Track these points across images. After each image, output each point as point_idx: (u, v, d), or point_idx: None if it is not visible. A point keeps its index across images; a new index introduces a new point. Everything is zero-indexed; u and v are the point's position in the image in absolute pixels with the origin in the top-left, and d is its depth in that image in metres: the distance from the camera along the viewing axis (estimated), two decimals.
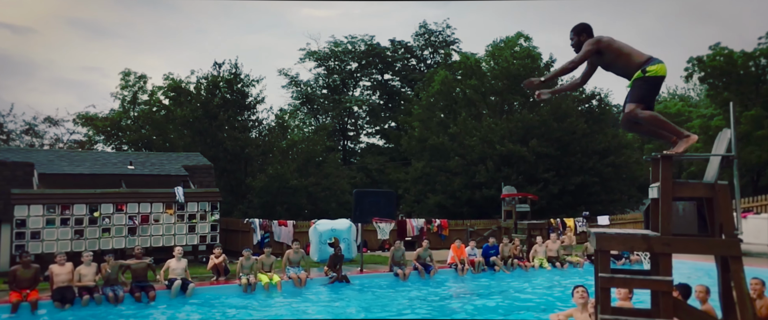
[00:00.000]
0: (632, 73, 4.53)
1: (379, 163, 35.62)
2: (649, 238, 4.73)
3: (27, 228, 14.63)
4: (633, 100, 4.50)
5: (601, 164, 26.44)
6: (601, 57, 4.60)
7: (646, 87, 4.47)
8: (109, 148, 30.07)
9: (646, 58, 4.53)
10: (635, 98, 4.50)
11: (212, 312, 9.71)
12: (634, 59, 4.51)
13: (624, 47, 4.55)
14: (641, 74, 4.44)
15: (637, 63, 4.49)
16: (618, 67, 4.61)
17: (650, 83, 4.50)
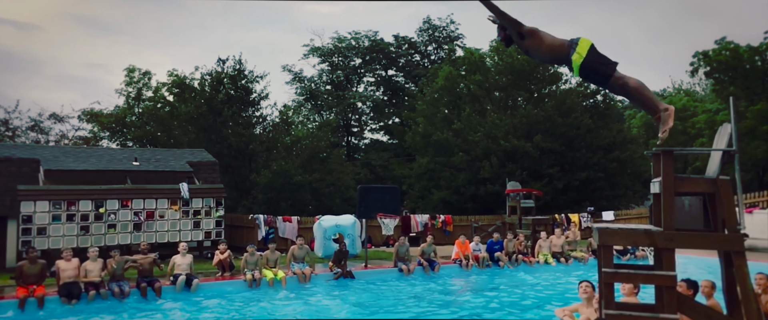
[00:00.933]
0: (558, 55, 4.47)
1: (383, 159, 35.64)
2: (652, 233, 4.73)
3: (33, 224, 14.72)
4: (610, 65, 4.37)
5: (605, 160, 26.38)
6: (525, 36, 4.49)
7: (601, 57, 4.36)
8: (114, 144, 30.19)
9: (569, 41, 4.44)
10: (608, 63, 4.38)
11: (217, 307, 9.76)
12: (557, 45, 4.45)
13: (542, 32, 4.49)
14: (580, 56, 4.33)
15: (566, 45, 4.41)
16: (542, 53, 4.54)
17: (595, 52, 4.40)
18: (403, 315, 8.89)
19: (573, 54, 4.30)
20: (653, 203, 5.28)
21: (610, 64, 4.29)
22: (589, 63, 4.27)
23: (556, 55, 4.46)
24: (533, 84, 28.40)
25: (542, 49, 4.46)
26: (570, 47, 4.32)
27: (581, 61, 4.27)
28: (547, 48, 4.44)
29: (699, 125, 27.78)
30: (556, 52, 4.43)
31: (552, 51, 4.45)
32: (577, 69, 4.34)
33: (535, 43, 4.45)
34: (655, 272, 4.85)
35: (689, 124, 29.47)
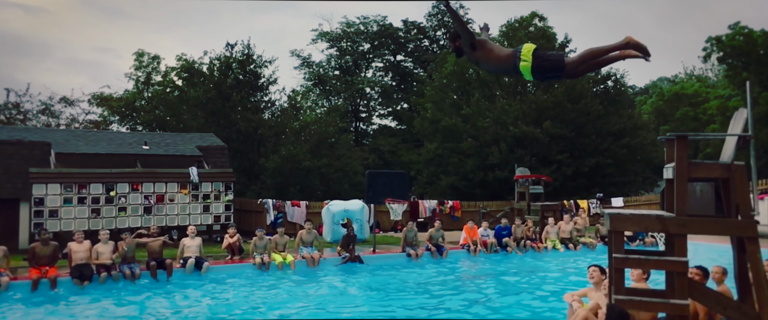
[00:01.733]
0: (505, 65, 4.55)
1: (392, 144, 35.61)
2: (664, 219, 4.70)
3: (45, 207, 14.88)
4: (558, 59, 4.37)
5: (615, 146, 26.21)
6: (475, 50, 4.60)
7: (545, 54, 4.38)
8: (124, 128, 30.35)
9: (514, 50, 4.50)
10: (555, 58, 4.37)
11: (228, 289, 9.84)
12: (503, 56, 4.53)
13: (491, 43, 4.61)
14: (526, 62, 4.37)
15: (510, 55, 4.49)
16: (490, 63, 4.64)
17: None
18: (412, 300, 8.93)
19: (520, 63, 4.35)
20: (665, 188, 5.24)
21: (557, 58, 4.31)
22: (537, 66, 4.30)
23: (503, 65, 4.53)
24: None
25: (491, 59, 4.54)
26: (515, 57, 4.37)
27: (530, 66, 4.31)
28: (495, 59, 4.51)
29: (711, 111, 27.50)
30: (503, 62, 4.50)
31: (499, 62, 4.52)
32: (528, 73, 4.36)
33: (485, 54, 4.54)
34: (666, 257, 4.83)
35: (701, 110, 29.19)
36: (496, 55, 4.51)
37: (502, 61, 4.49)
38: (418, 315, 7.75)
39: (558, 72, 4.34)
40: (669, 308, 4.55)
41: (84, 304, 8.55)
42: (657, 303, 4.66)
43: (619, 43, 4.29)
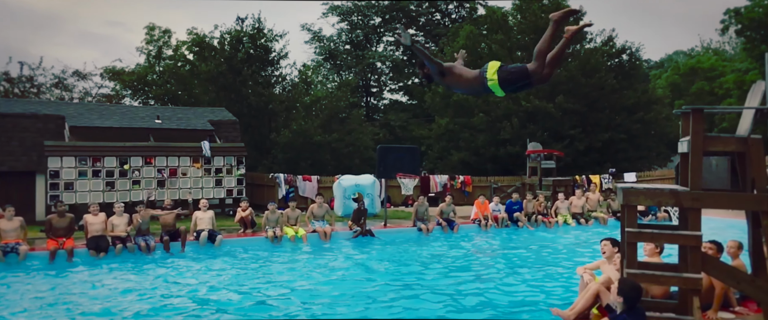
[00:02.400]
0: (476, 87, 4.66)
1: (403, 119, 35.49)
2: (678, 193, 4.67)
3: (60, 179, 15.08)
4: (521, 70, 4.42)
5: (629, 121, 25.94)
6: (444, 76, 4.70)
7: (509, 67, 4.46)
8: (136, 102, 30.47)
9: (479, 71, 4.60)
10: (518, 70, 4.43)
11: (241, 261, 9.97)
12: (471, 77, 4.64)
13: (458, 67, 4.71)
14: (493, 80, 4.45)
15: (478, 76, 4.59)
16: (461, 85, 4.74)
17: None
18: (422, 274, 8.99)
19: (488, 83, 4.45)
20: (680, 162, 5.19)
21: (519, 69, 4.38)
22: (504, 80, 4.40)
23: (473, 87, 4.65)
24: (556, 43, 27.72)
25: (461, 83, 4.66)
26: (482, 77, 4.47)
27: (497, 83, 4.42)
28: (465, 81, 4.63)
29: (727, 85, 27.08)
30: (472, 83, 4.60)
31: (469, 84, 4.63)
32: (499, 90, 4.47)
33: (455, 79, 4.65)
34: (680, 232, 4.81)
35: (717, 84, 28.74)
36: (466, 78, 4.61)
37: (472, 82, 4.60)
38: (430, 288, 7.81)
39: (526, 80, 4.39)
40: (682, 282, 4.55)
41: (101, 274, 8.71)
42: (670, 277, 4.66)
43: (551, 27, 4.34)
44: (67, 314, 6.45)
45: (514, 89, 4.53)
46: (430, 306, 6.72)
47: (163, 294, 7.41)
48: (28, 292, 7.56)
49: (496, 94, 4.55)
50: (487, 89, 4.53)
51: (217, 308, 6.73)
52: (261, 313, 6.48)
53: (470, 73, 4.62)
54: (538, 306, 6.72)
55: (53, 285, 7.99)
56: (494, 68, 4.45)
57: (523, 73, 4.36)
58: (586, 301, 5.36)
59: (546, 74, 4.36)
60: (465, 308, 6.65)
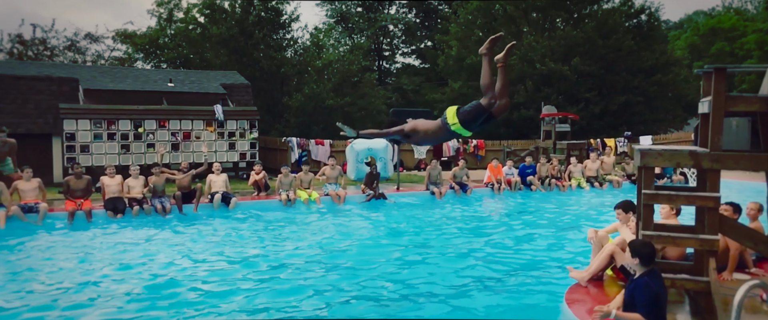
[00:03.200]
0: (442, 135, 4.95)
1: (415, 83, 35.19)
2: (697, 154, 4.59)
3: (76, 142, 15.24)
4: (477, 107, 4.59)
5: (646, 83, 25.52)
6: (410, 138, 5.03)
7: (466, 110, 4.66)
8: (148, 66, 30.45)
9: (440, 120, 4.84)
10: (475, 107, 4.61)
11: (255, 223, 10.08)
12: (435, 127, 4.87)
13: (421, 125, 4.95)
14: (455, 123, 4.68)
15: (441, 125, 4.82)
16: (429, 138, 5.03)
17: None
18: (435, 237, 9.03)
19: (451, 127, 4.71)
20: (700, 123, 5.09)
21: (475, 106, 4.59)
22: (465, 121, 4.63)
23: (439, 135, 4.92)
24: (573, 4, 27.13)
25: (428, 137, 4.97)
26: (445, 124, 4.72)
27: (459, 125, 4.66)
28: (432, 134, 4.90)
29: (748, 45, 26.43)
30: (438, 133, 4.86)
31: (435, 135, 4.92)
32: (464, 131, 4.71)
33: (420, 136, 4.95)
34: (697, 193, 4.75)
35: (737, 45, 28.05)
36: (432, 131, 4.87)
37: (437, 132, 4.86)
38: (443, 251, 7.86)
39: (485, 114, 4.58)
40: (698, 243, 4.52)
41: (120, 235, 8.87)
42: (686, 238, 4.63)
43: (485, 61, 4.58)
44: (85, 273, 6.59)
45: (479, 125, 4.74)
46: (444, 268, 6.77)
47: (178, 256, 7.52)
48: (50, 252, 7.73)
49: (464, 135, 4.79)
50: (453, 133, 4.78)
51: (234, 269, 6.83)
52: (278, 274, 6.57)
53: (433, 124, 4.86)
54: (553, 266, 6.74)
55: (75, 244, 8.15)
56: (452, 112, 4.70)
57: (480, 110, 4.57)
58: (601, 262, 5.35)
59: (503, 104, 4.55)
60: (479, 270, 6.69)
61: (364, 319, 3.94)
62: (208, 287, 5.94)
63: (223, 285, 5.99)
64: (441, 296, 5.60)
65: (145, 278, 6.33)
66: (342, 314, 4.56)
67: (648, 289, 3.75)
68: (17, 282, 6.17)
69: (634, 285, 3.84)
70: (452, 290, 5.78)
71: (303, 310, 5.14)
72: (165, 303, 5.40)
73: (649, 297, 3.73)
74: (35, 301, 5.47)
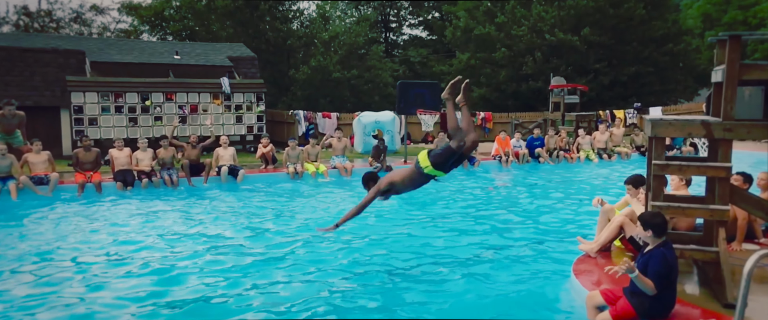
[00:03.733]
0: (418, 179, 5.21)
1: (422, 55, 34.87)
2: (709, 123, 4.53)
3: (84, 115, 15.29)
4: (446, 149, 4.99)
5: (657, 53, 25.14)
6: (389, 191, 5.30)
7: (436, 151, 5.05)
8: (154, 38, 30.32)
9: None
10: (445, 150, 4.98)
11: (263, 195, 10.13)
12: (409, 173, 5.18)
13: (395, 176, 5.25)
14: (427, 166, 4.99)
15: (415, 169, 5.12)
16: (407, 186, 5.28)
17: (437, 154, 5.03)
18: (442, 209, 9.05)
19: (425, 170, 4.99)
20: (712, 92, 5.01)
21: (445, 148, 4.96)
22: (437, 163, 4.94)
23: (415, 180, 5.17)
24: None
25: (405, 185, 5.21)
26: (418, 168, 5.02)
27: (432, 167, 4.96)
28: (408, 181, 5.17)
29: (762, 13, 25.88)
30: (414, 178, 5.14)
31: (411, 181, 5.17)
32: (437, 172, 5.00)
33: (397, 187, 5.22)
34: (708, 163, 4.70)
35: (750, 13, 27.47)
36: (407, 178, 5.15)
37: (413, 177, 5.12)
38: (450, 222, 7.87)
39: (455, 155, 4.91)
40: (709, 213, 4.49)
41: (130, 206, 8.94)
42: (696, 209, 4.59)
43: (449, 105, 5.04)
44: (97, 244, 6.66)
45: (451, 165, 5.04)
46: (452, 240, 6.79)
47: (186, 228, 7.58)
48: (61, 223, 7.81)
49: (439, 177, 5.10)
50: (427, 175, 5.05)
51: (243, 242, 6.89)
52: (287, 246, 6.61)
53: (407, 172, 5.16)
54: (560, 238, 6.74)
55: (86, 215, 8.24)
56: (424, 156, 5.01)
57: (450, 152, 4.90)
58: (610, 233, 5.34)
59: (471, 141, 4.88)
60: (486, 242, 6.71)
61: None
62: (217, 259, 5.99)
63: (232, 258, 6.04)
64: (449, 266, 5.62)
65: (155, 249, 6.39)
66: (346, 307, 4.59)
67: (664, 260, 3.72)
68: (30, 254, 6.24)
69: (650, 256, 3.81)
70: (459, 262, 5.80)
71: (314, 282, 5.17)
72: (174, 273, 5.46)
73: (664, 268, 3.70)
74: (48, 272, 5.54)
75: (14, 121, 10.36)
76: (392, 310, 4.51)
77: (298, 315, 4.37)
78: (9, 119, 10.28)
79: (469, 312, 4.47)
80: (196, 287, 5.06)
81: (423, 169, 4.98)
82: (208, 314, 4.43)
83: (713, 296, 4.30)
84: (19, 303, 4.65)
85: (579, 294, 4.50)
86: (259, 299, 4.74)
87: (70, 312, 4.45)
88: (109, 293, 4.87)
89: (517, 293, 4.87)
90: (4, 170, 9.61)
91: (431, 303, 4.68)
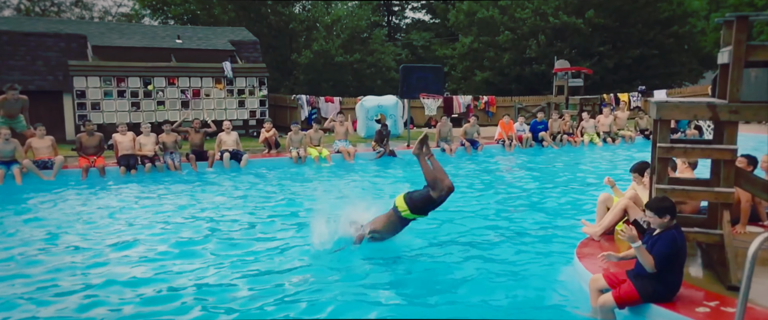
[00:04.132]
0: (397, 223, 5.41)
1: (425, 39, 34.66)
2: (715, 106, 4.49)
3: (87, 99, 15.27)
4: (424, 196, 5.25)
5: (662, 35, 24.94)
6: (374, 239, 5.44)
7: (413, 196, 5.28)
8: (156, 22, 30.18)
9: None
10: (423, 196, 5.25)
11: (266, 180, 10.14)
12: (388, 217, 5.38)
13: (377, 223, 5.39)
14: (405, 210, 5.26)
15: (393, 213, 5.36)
16: (389, 232, 5.44)
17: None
18: None
19: (402, 214, 5.22)
20: (718, 74, 4.96)
21: (423, 193, 5.21)
22: (414, 207, 5.19)
23: (394, 224, 5.35)
24: None
25: (387, 230, 5.37)
26: (396, 212, 5.26)
27: (409, 211, 5.19)
28: (389, 227, 5.34)
29: None
30: (392, 221, 5.32)
31: (389, 225, 5.34)
32: (414, 214, 5.23)
33: (380, 232, 5.36)
34: (714, 146, 4.67)
35: None
36: (384, 223, 5.32)
37: (391, 221, 5.31)
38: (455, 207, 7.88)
39: (431, 201, 5.16)
40: (713, 196, 4.47)
41: (133, 190, 8.97)
42: (701, 192, 4.58)
43: (420, 161, 5.31)
44: (101, 228, 6.69)
45: (428, 210, 5.27)
46: (455, 224, 6.78)
47: (190, 211, 7.60)
48: (65, 207, 7.84)
49: (417, 219, 5.31)
50: (405, 219, 5.26)
51: (246, 226, 6.90)
52: (291, 230, 6.62)
53: (384, 216, 5.35)
54: (563, 222, 6.74)
55: (90, 199, 8.27)
56: (401, 199, 5.23)
57: (430, 201, 5.17)
58: (614, 216, 5.33)
59: (447, 189, 5.13)
60: (490, 224, 6.71)
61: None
62: (219, 243, 6.01)
63: (235, 242, 6.06)
64: (452, 249, 5.63)
65: (157, 233, 6.42)
66: (352, 291, 4.59)
67: (673, 243, 3.69)
68: (34, 237, 6.27)
69: (659, 237, 3.77)
70: (461, 245, 5.80)
71: (321, 267, 5.18)
72: (176, 252, 5.49)
73: (671, 250, 3.68)
74: (52, 256, 5.57)
75: (17, 105, 10.36)
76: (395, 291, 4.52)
77: (301, 298, 4.39)
78: (12, 104, 10.27)
79: (472, 296, 4.48)
80: (198, 270, 5.08)
81: (401, 213, 5.20)
82: (211, 296, 4.45)
83: (717, 278, 4.30)
84: (24, 286, 4.67)
85: (582, 278, 4.51)
86: (260, 283, 4.76)
87: (74, 295, 4.48)
88: (111, 276, 4.89)
89: (519, 276, 4.88)
90: (8, 154, 9.63)
91: (435, 286, 4.69)
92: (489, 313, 4.16)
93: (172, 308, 4.21)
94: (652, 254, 3.72)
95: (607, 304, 3.88)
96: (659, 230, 3.83)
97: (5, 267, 5.18)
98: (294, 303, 4.30)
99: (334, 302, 4.27)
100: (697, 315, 3.58)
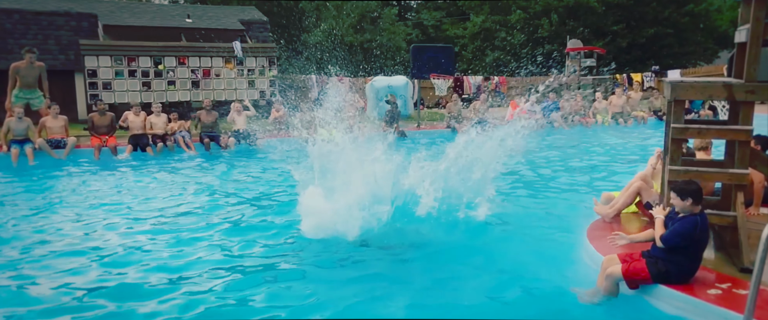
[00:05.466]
0: None
1: (436, 19, 34.31)
2: (731, 85, 4.41)
3: (98, 79, 15.29)
4: None
5: (677, 14, 24.52)
6: None
7: None
8: (166, 1, 30.09)
9: None
10: None
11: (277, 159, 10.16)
12: None
13: None
14: None
15: None
16: None
17: None
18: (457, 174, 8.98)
19: None
20: (735, 53, 4.87)
21: None
22: None
23: None
24: None
25: None
26: None
27: None
28: None
29: None
30: None
31: None
32: None
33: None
34: (729, 126, 4.60)
35: None
36: None
37: None
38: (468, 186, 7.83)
39: None
40: (727, 177, 4.41)
41: (145, 169, 9.03)
42: (715, 173, 4.52)
43: None
44: (114, 205, 6.75)
45: None
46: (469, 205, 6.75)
47: (202, 190, 7.65)
48: (78, 185, 7.91)
49: None
50: None
51: (259, 203, 6.94)
52: None
53: None
54: (575, 202, 6.71)
55: (105, 177, 8.34)
56: None
57: None
58: (627, 198, 5.29)
59: None
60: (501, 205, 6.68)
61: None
62: (231, 220, 6.05)
63: (248, 219, 6.09)
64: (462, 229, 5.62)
65: (169, 212, 6.46)
66: (367, 274, 4.60)
67: (694, 226, 3.63)
68: (47, 216, 6.35)
69: (683, 218, 3.71)
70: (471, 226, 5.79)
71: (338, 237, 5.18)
72: (186, 237, 5.53)
73: (688, 231, 3.63)
74: (64, 234, 5.63)
75: (34, 72, 10.26)
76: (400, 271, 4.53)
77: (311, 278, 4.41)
78: (29, 70, 10.16)
79: (481, 277, 4.48)
80: (209, 249, 5.12)
81: None
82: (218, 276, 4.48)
83: (729, 260, 4.27)
84: (36, 264, 4.73)
85: (592, 259, 4.48)
86: (274, 263, 4.79)
87: (85, 273, 4.53)
88: (122, 255, 4.94)
89: (529, 256, 4.86)
90: (21, 133, 9.70)
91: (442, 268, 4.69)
92: (496, 292, 4.16)
93: (190, 279, 4.26)
94: (667, 229, 3.68)
95: (613, 275, 3.81)
96: (682, 214, 3.76)
97: (15, 246, 5.23)
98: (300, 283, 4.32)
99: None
100: (709, 297, 3.56)
